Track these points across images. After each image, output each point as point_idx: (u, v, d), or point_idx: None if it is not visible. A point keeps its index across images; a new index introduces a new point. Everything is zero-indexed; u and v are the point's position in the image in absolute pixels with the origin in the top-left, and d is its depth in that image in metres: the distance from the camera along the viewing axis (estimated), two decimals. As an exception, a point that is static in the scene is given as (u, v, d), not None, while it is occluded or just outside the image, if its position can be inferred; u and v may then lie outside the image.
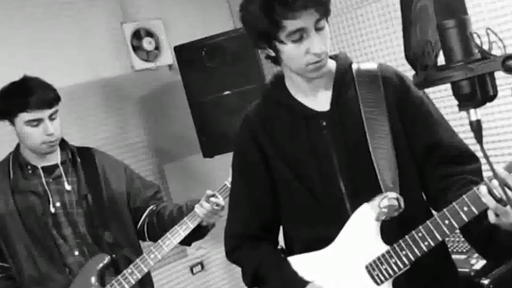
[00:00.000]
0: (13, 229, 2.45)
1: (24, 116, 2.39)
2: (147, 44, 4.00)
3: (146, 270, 2.45)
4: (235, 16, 4.39)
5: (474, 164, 1.76)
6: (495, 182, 1.48)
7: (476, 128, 1.22)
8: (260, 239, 1.88)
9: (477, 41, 1.20)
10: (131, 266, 2.45)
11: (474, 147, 1.54)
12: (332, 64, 1.81)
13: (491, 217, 1.52)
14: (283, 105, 1.81)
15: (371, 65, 1.83)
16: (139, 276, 2.44)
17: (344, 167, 1.75)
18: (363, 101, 1.75)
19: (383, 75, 1.79)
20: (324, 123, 1.76)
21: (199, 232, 2.55)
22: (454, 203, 1.56)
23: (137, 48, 3.98)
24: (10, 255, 2.48)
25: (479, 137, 1.22)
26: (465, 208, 1.55)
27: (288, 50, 1.67)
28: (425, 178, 1.78)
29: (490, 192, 1.49)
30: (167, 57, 4.07)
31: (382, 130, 1.73)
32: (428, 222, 1.61)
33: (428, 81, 1.23)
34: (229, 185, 2.47)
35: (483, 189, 1.51)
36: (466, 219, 1.55)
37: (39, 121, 2.40)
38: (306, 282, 1.75)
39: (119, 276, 2.44)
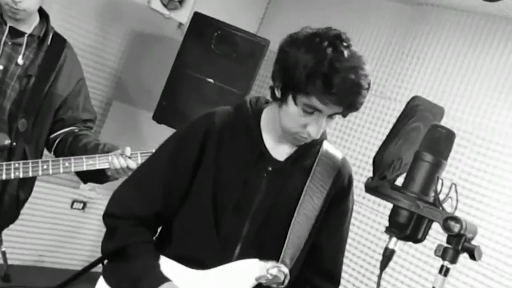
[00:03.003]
0: None
1: None
2: (175, -7, 3.97)
3: (30, 175, 2.36)
4: (262, 24, 4.40)
5: (331, 286, 1.87)
6: None
7: (387, 256, 1.24)
8: (146, 223, 1.83)
9: (438, 187, 1.23)
10: (20, 162, 2.35)
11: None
12: None
13: None
14: (248, 134, 1.80)
15: (337, 154, 1.87)
16: (21, 176, 2.35)
17: (259, 216, 1.75)
18: (313, 177, 1.78)
19: (340, 169, 1.84)
20: (270, 168, 1.77)
21: (100, 176, 2.48)
22: None
23: (164, -10, 3.95)
24: None
25: (384, 264, 1.24)
26: None
27: (293, 112, 1.65)
28: None
29: None
30: (183, 16, 4.03)
31: (311, 211, 1.77)
32: None
33: (377, 191, 1.25)
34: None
35: None
36: None
37: None
38: (166, 279, 1.72)
39: (4, 163, 2.35)
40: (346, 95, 1.57)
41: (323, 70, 1.55)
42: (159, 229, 1.91)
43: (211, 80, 3.52)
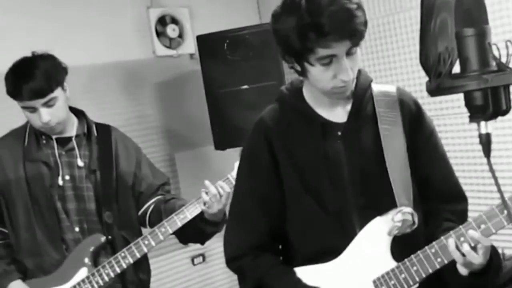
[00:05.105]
0: (18, 196, 2.46)
1: (19, 103, 2.41)
2: (171, 31, 4.00)
3: (138, 255, 2.42)
4: (261, 11, 4.37)
5: (461, 205, 1.83)
6: (471, 233, 1.54)
7: (485, 141, 1.20)
8: (265, 248, 1.84)
9: (496, 52, 1.17)
10: (124, 249, 2.43)
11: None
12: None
13: (461, 270, 1.60)
14: (300, 113, 1.80)
15: (390, 88, 1.84)
16: (131, 261, 2.42)
17: (356, 178, 1.74)
18: (381, 118, 1.76)
19: (400, 98, 1.81)
20: (340, 133, 1.76)
21: (200, 235, 2.54)
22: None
23: (160, 34, 3.98)
24: (10, 222, 2.48)
25: (487, 151, 1.20)
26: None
27: (316, 72, 1.65)
28: None
29: (458, 247, 1.56)
30: (190, 46, 4.06)
31: (399, 148, 1.74)
32: (443, 238, 1.61)
33: (441, 89, 1.20)
34: (231, 179, 2.44)
35: (451, 242, 1.58)
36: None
37: (33, 108, 2.39)
38: None
39: (111, 258, 2.42)
40: (341, 28, 1.55)
41: (307, 22, 1.55)
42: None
43: (245, 86, 3.51)
